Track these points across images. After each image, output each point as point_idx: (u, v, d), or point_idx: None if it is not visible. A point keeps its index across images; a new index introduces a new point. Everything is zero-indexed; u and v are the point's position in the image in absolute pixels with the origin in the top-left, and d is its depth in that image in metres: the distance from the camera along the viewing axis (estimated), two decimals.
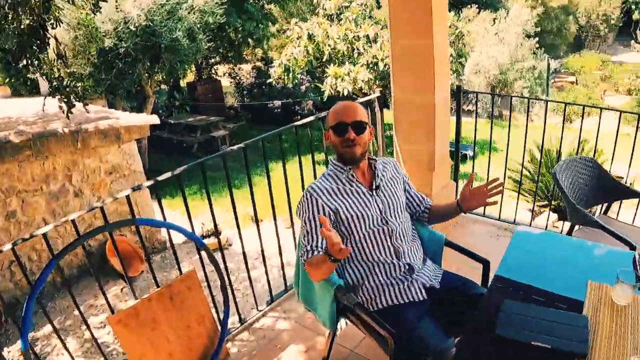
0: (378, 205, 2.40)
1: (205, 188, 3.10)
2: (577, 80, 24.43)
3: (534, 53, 20.28)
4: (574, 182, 3.53)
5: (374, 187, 2.43)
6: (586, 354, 1.66)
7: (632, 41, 28.11)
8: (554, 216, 8.34)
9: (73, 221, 2.44)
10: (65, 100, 4.24)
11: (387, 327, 2.12)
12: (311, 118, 3.72)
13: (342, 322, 2.71)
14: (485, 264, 2.63)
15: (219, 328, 2.88)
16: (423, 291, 2.36)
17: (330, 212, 2.31)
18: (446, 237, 2.73)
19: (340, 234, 2.34)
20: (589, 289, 2.03)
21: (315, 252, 2.24)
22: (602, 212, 3.86)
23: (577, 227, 3.56)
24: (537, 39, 20.76)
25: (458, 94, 4.61)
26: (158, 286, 2.63)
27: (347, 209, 2.34)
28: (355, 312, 2.33)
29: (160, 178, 2.77)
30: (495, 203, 2.44)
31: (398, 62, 4.11)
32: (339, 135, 2.35)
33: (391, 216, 2.42)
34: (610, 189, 3.66)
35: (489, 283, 2.29)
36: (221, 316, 3.01)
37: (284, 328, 3.42)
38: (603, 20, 28.95)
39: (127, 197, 2.61)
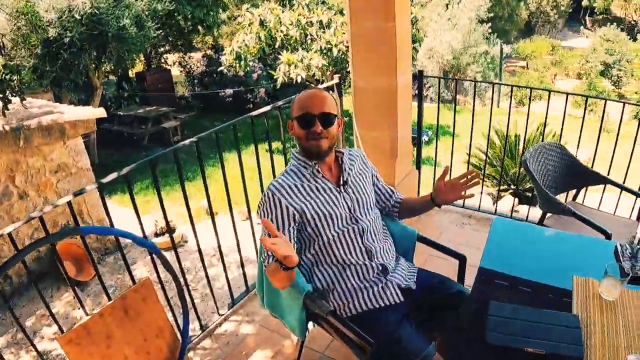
0: (346, 203, 2.21)
1: (155, 186, 2.84)
2: (528, 65, 24.91)
3: (487, 38, 20.54)
4: (543, 169, 3.46)
5: (341, 183, 2.23)
6: (582, 357, 1.58)
7: (582, 27, 28.90)
8: (513, 200, 8.35)
9: (10, 234, 2.19)
10: (0, 95, 3.89)
11: (365, 338, 1.93)
12: (267, 108, 3.49)
13: (310, 324, 2.51)
14: (462, 259, 2.48)
15: (180, 338, 2.66)
16: (399, 293, 2.19)
17: (295, 212, 2.09)
18: (418, 232, 2.57)
19: (306, 235, 2.14)
20: (575, 284, 1.97)
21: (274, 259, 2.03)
22: (571, 199, 3.80)
23: (548, 214, 3.49)
24: (489, 24, 21.05)
25: (420, 79, 4.48)
26: (110, 299, 2.39)
27: (313, 209, 2.13)
28: (327, 320, 2.13)
29: (105, 180, 2.51)
30: (472, 196, 2.29)
31: (358, 46, 3.91)
32: (305, 127, 2.12)
33: (361, 214, 2.24)
34: (580, 175, 3.60)
35: (474, 278, 2.19)
36: (180, 323, 2.78)
37: (249, 332, 3.22)
38: (553, 6, 29.54)
39: (69, 203, 2.36)
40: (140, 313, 2.41)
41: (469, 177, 2.21)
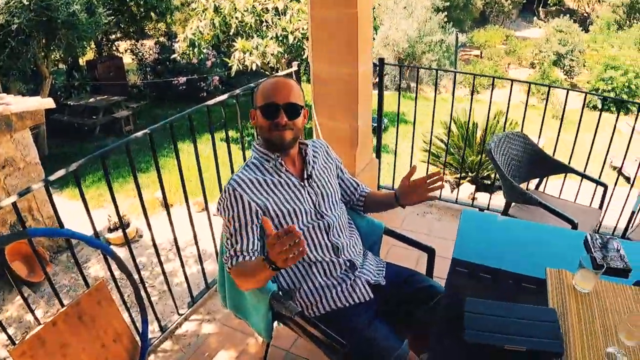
0: (311, 198, 2.10)
1: (107, 182, 2.67)
2: (482, 54, 25.25)
3: (442, 27, 20.66)
4: (507, 158, 3.44)
5: (305, 177, 2.12)
6: (562, 353, 1.55)
7: (535, 18, 29.48)
8: (472, 188, 8.41)
9: None
10: None
11: (337, 339, 1.84)
12: (224, 96, 3.34)
13: (275, 322, 2.42)
14: (431, 252, 2.41)
15: (139, 341, 2.53)
16: (368, 289, 2.10)
17: (258, 209, 1.96)
18: (385, 225, 2.49)
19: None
20: (549, 276, 1.95)
21: (244, 257, 1.90)
22: (534, 188, 3.80)
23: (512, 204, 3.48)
24: (445, 13, 21.21)
25: (381, 67, 4.41)
26: (63, 305, 2.24)
27: (276, 205, 2.00)
28: (295, 321, 2.02)
29: (53, 177, 2.33)
30: (436, 198, 2.21)
31: (318, 33, 3.80)
32: (268, 117, 1.99)
33: (326, 209, 2.13)
34: (543, 164, 3.61)
35: (442, 270, 2.17)
36: (139, 324, 2.64)
37: (210, 332, 3.08)
38: None
39: (14, 204, 2.19)
40: (96, 318, 2.28)
41: (432, 179, 2.12)
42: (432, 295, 2.12)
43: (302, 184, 2.09)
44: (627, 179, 10.27)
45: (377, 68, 4.43)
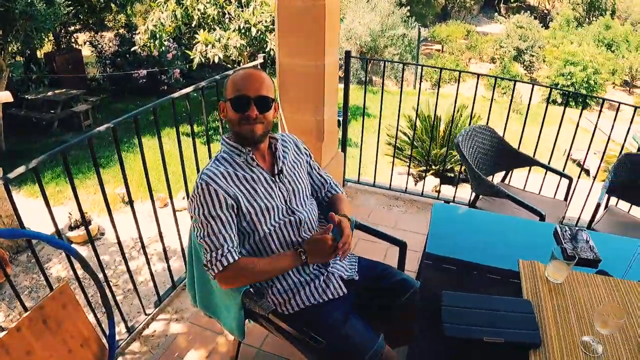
0: (282, 194, 2.04)
1: (69, 179, 2.56)
2: (443, 48, 25.55)
3: (405, 21, 20.82)
4: (474, 152, 3.46)
5: (276, 172, 2.06)
6: (539, 343, 1.60)
7: (496, 13, 29.98)
8: (436, 181, 8.48)
9: None
10: None
11: (314, 337, 1.81)
12: (190, 89, 3.24)
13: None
14: (403, 246, 2.39)
15: (106, 344, 2.45)
16: (342, 285, 2.07)
17: (233, 203, 1.89)
18: (356, 220, 2.46)
19: (242, 229, 1.96)
20: (521, 268, 1.99)
21: (234, 258, 1.85)
22: (500, 180, 3.84)
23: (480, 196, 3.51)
24: (408, 7, 21.36)
25: (347, 60, 4.38)
26: (26, 309, 2.15)
27: (248, 201, 1.94)
28: (269, 319, 1.98)
29: (12, 175, 2.21)
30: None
31: (285, 25, 3.77)
32: (239, 110, 1.92)
33: (297, 205, 2.09)
34: (509, 157, 3.65)
35: (414, 263, 2.34)
36: (105, 326, 2.55)
37: (179, 332, 2.99)
38: None
39: None
40: (61, 322, 2.19)
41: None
42: (406, 289, 2.11)
43: (274, 179, 2.04)
44: (587, 172, 10.51)
45: (344, 61, 4.40)
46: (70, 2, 11.72)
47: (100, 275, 2.53)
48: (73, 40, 17.23)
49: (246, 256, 1.97)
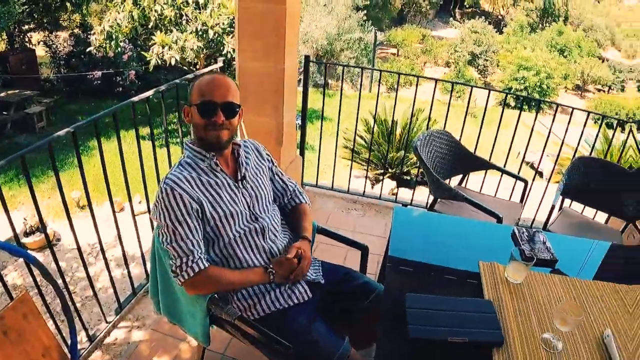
0: (245, 200, 2.04)
1: (28, 184, 2.48)
2: (399, 52, 25.84)
3: (361, 25, 20.97)
4: (432, 156, 3.52)
5: (239, 177, 2.05)
6: (502, 342, 1.64)
7: (451, 18, 30.45)
8: (393, 184, 8.57)
9: None
10: None
11: (282, 342, 1.80)
12: (150, 92, 3.19)
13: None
14: (364, 250, 2.42)
15: (68, 354, 2.39)
16: (307, 289, 2.07)
17: (198, 208, 1.89)
18: (318, 224, 2.47)
19: (206, 235, 1.95)
20: (482, 269, 2.04)
21: (203, 265, 1.84)
22: (457, 184, 3.90)
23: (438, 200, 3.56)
24: (364, 11, 21.50)
25: (306, 64, 4.39)
26: None
27: (212, 207, 1.93)
28: (235, 325, 1.95)
29: None
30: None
31: (245, 28, 3.75)
32: (205, 116, 1.91)
33: (260, 211, 2.08)
34: (466, 161, 3.71)
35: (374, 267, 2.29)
36: (65, 334, 2.48)
37: (141, 339, 2.93)
38: None
39: None
40: (23, 333, 2.13)
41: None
42: (369, 292, 2.13)
43: (237, 185, 2.03)
44: (540, 174, 10.79)
45: (303, 65, 4.41)
46: (25, 1, 11.42)
47: (60, 282, 2.47)
48: (27, 39, 16.80)
49: (213, 265, 1.95)
